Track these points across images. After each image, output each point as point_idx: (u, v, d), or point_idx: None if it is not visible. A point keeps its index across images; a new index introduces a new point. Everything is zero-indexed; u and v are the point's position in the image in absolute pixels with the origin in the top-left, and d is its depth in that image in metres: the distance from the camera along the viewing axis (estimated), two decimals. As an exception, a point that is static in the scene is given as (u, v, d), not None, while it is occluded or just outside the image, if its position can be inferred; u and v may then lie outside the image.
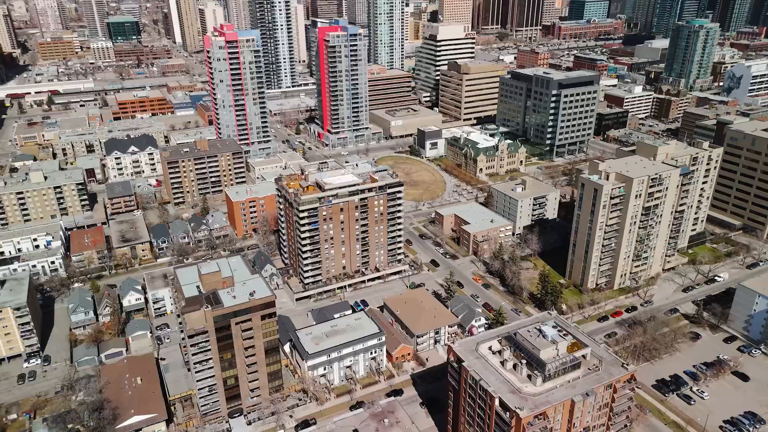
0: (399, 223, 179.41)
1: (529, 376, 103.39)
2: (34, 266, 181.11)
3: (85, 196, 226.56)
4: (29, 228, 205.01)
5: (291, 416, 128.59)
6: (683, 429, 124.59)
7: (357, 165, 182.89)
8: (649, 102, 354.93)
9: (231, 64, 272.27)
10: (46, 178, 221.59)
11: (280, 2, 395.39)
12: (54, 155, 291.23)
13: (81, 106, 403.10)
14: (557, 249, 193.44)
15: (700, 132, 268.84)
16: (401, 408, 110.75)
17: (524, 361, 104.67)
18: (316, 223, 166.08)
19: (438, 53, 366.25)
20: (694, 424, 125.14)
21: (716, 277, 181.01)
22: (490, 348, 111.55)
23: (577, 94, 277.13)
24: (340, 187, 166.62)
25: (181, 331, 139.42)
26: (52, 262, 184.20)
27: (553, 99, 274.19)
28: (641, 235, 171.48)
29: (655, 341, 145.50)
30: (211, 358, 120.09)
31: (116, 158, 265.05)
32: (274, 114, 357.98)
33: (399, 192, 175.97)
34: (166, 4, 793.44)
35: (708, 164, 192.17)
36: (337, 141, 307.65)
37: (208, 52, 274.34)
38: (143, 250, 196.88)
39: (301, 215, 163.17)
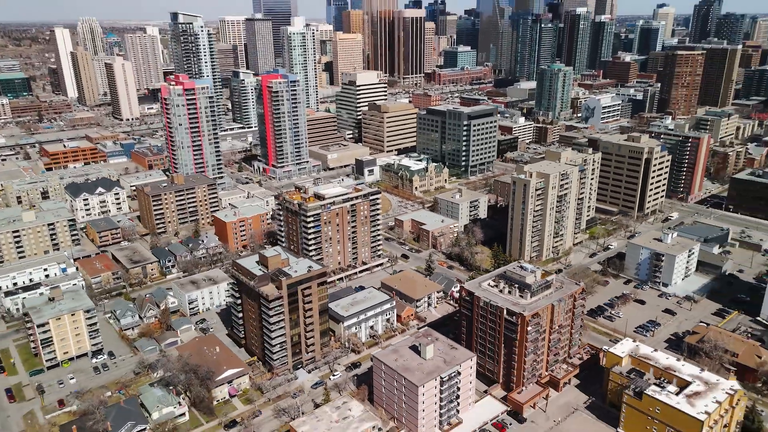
0: (378, 224, 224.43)
1: (521, 296, 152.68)
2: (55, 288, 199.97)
3: (76, 232, 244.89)
4: (37, 261, 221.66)
5: (339, 364, 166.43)
6: (611, 335, 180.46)
7: (342, 179, 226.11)
8: (530, 130, 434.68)
9: (189, 109, 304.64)
10: (36, 217, 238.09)
11: (206, 55, 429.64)
12: (7, 205, 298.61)
13: (3, 160, 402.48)
14: (492, 239, 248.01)
15: (576, 149, 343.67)
16: (434, 332, 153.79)
17: (516, 287, 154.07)
18: (318, 226, 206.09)
19: (358, 96, 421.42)
20: (618, 331, 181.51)
21: (609, 246, 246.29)
22: (488, 284, 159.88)
23: (483, 124, 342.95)
24: (336, 196, 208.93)
25: (233, 315, 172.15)
26: (74, 284, 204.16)
27: (465, 128, 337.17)
28: (557, 218, 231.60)
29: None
30: (283, 320, 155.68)
31: (84, 200, 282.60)
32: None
33: (378, 199, 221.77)
34: (54, 60, 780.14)
35: (593, 166, 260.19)
36: (282, 174, 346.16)
37: (165, 99, 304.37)
38: (152, 270, 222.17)
39: (308, 220, 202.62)
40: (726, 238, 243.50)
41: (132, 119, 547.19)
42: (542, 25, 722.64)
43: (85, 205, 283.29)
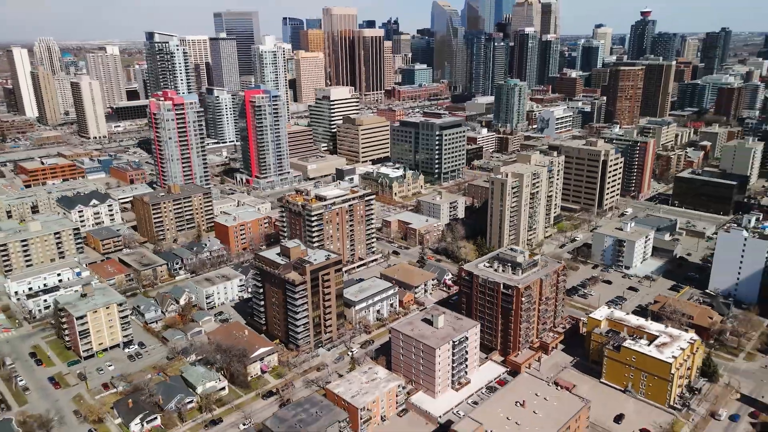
0: (373, 222, 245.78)
1: (513, 273, 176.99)
2: (76, 290, 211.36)
3: (80, 241, 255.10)
4: (50, 266, 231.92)
5: (353, 342, 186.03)
6: (586, 309, 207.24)
7: (340, 183, 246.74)
8: (493, 140, 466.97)
9: (178, 123, 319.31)
10: (42, 227, 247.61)
11: (181, 72, 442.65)
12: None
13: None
14: (471, 235, 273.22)
15: (542, 153, 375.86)
16: (441, 307, 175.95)
17: (509, 266, 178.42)
18: (321, 225, 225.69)
19: (332, 110, 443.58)
20: (591, 305, 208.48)
21: (576, 238, 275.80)
22: (484, 265, 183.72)
23: (453, 134, 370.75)
24: (336, 197, 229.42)
25: (254, 304, 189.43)
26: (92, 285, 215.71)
27: (437, 138, 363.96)
28: (531, 213, 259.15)
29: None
30: (306, 302, 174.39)
31: (79, 212, 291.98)
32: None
33: (372, 200, 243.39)
34: (8, 80, 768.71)
35: (558, 168, 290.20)
36: (266, 184, 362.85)
37: (154, 114, 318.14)
38: (161, 272, 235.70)
39: (312, 219, 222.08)
40: (675, 227, 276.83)
41: (100, 137, 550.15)
42: (495, 44, 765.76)
43: (80, 216, 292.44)
